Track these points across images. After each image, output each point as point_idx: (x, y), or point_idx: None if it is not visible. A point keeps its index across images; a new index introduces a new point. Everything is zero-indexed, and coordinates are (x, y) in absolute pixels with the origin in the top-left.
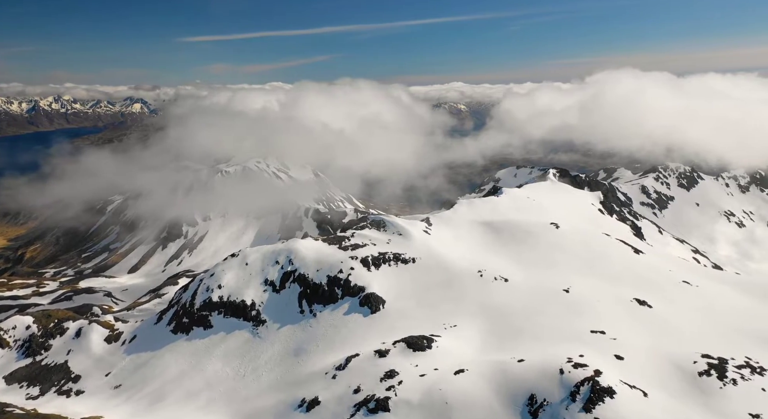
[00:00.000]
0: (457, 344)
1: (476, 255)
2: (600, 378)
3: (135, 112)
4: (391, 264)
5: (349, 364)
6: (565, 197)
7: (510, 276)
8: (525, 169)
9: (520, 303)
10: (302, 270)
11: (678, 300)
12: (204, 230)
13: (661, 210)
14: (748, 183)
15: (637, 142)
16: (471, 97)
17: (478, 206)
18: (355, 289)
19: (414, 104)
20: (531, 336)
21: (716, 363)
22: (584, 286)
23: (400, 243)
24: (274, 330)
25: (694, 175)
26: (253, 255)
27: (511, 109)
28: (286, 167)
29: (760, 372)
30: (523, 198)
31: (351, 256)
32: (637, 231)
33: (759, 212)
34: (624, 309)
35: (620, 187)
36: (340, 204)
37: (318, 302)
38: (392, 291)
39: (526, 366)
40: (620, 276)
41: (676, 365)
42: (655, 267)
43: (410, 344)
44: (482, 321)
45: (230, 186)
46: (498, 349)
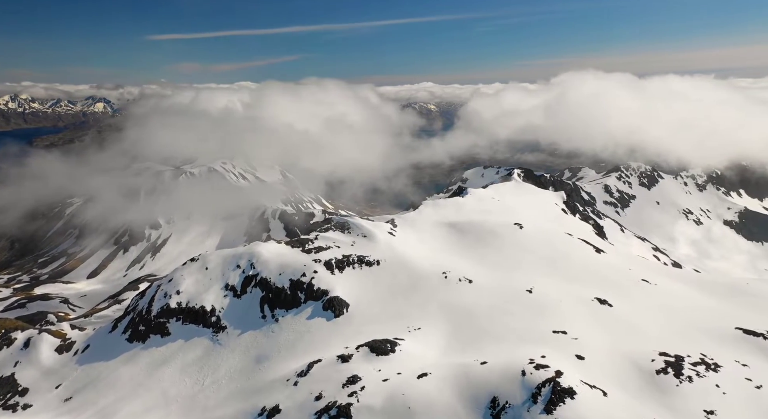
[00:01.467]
0: (421, 347)
1: (441, 257)
2: (561, 379)
3: (98, 111)
4: (355, 267)
5: (311, 370)
6: (529, 197)
7: (474, 278)
8: (492, 169)
9: (484, 304)
10: (264, 274)
11: (637, 298)
12: (167, 233)
13: (624, 208)
14: (705, 182)
15: (601, 142)
16: (441, 98)
17: (443, 207)
18: (318, 293)
19: (382, 104)
20: (494, 337)
21: (673, 361)
22: (547, 286)
23: (365, 245)
24: (234, 337)
25: (655, 175)
26: (214, 260)
27: (479, 110)
28: (253, 168)
29: (714, 368)
30: (488, 198)
31: (314, 259)
32: (600, 230)
33: (716, 210)
34: (585, 309)
35: (584, 187)
36: (308, 205)
37: (280, 307)
38: (356, 294)
39: (488, 368)
40: (582, 275)
41: (634, 363)
42: (615, 266)
43: (373, 348)
44: (446, 324)
45: (195, 187)
46: (462, 351)
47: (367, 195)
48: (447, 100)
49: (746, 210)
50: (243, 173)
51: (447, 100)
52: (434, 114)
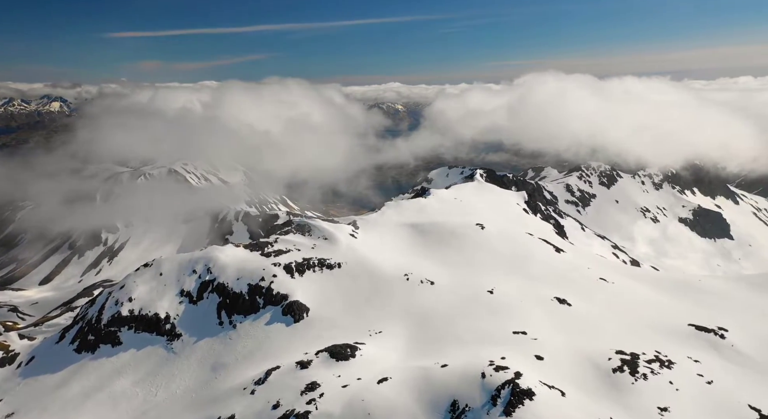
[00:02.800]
0: (381, 351)
1: (403, 259)
2: (520, 381)
3: (53, 111)
4: (315, 271)
5: (269, 378)
6: (491, 197)
7: (436, 279)
8: (456, 169)
9: (445, 306)
10: (221, 279)
11: (595, 297)
12: (125, 237)
13: (585, 207)
14: (661, 180)
15: (563, 142)
16: (408, 98)
17: (405, 208)
18: (277, 298)
19: (347, 104)
20: (455, 339)
21: (629, 359)
22: (508, 287)
23: (326, 248)
24: (190, 345)
25: (614, 174)
26: (168, 265)
27: (444, 110)
28: (216, 169)
29: (668, 365)
30: (450, 199)
31: (274, 263)
32: (560, 229)
33: (671, 208)
34: (545, 309)
35: (546, 186)
36: (273, 206)
37: (238, 312)
38: (317, 298)
39: (448, 371)
40: (542, 275)
41: (592, 362)
42: (574, 265)
43: (333, 353)
44: (408, 326)
45: (154, 189)
46: (422, 354)
47: (331, 196)
48: (414, 100)
49: (699, 208)
50: (205, 174)
51: (414, 100)
52: (402, 114)
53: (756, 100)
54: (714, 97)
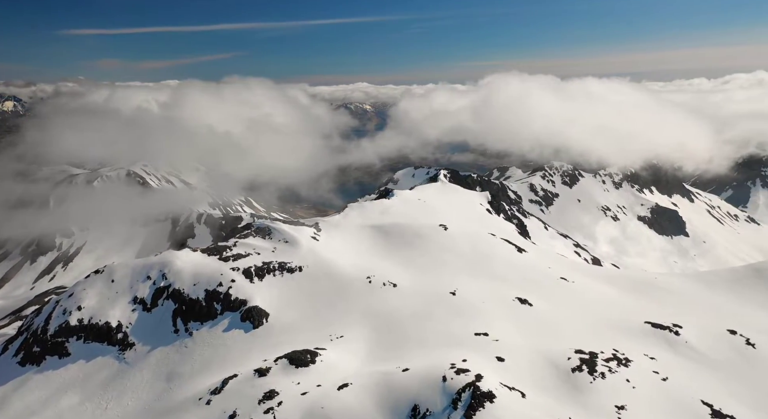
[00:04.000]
0: (342, 356)
1: (365, 261)
2: (481, 383)
3: (6, 110)
4: (276, 275)
5: (225, 387)
6: (454, 198)
7: (399, 281)
8: (422, 170)
9: (408, 308)
10: (177, 285)
11: (556, 297)
12: (81, 241)
13: (548, 206)
14: (621, 180)
15: (528, 142)
16: (376, 98)
17: (368, 209)
18: (236, 303)
19: (313, 105)
20: (418, 342)
21: (587, 358)
22: (470, 288)
23: (286, 251)
24: (143, 354)
25: (576, 173)
26: (121, 271)
27: (409, 110)
28: (178, 171)
29: (625, 363)
30: (414, 200)
31: (232, 268)
32: (523, 229)
33: (631, 207)
34: (507, 309)
35: (511, 186)
36: (238, 208)
37: (195, 319)
38: (277, 303)
39: (410, 375)
40: (504, 275)
41: (552, 362)
42: (536, 265)
43: (293, 360)
44: (370, 330)
45: (112, 192)
46: (384, 359)
47: (294, 198)
48: (382, 100)
49: (657, 207)
50: (166, 176)
51: (382, 100)
52: (370, 114)
53: (709, 101)
54: (671, 98)
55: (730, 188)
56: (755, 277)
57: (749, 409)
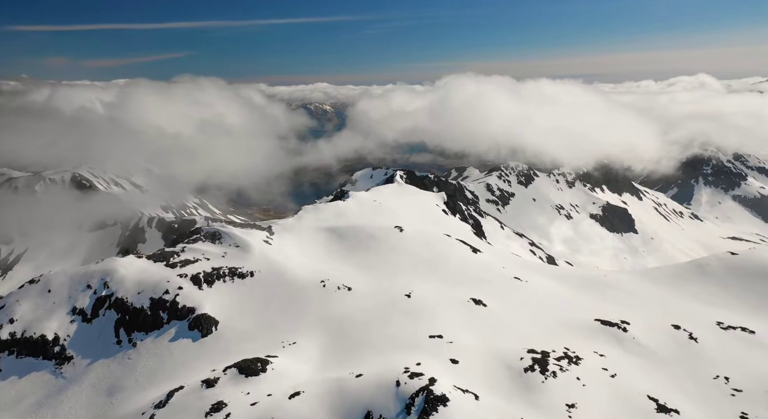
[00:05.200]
0: (295, 364)
1: (320, 265)
2: (434, 387)
3: None
4: (226, 281)
5: (170, 400)
6: (410, 199)
7: (354, 285)
8: (381, 171)
9: (362, 312)
10: (120, 294)
11: (510, 296)
12: (22, 248)
13: (504, 206)
14: (573, 179)
15: (484, 143)
16: (336, 98)
17: (323, 212)
18: (183, 311)
19: (269, 105)
20: (372, 347)
21: (539, 358)
22: (425, 290)
23: (237, 255)
24: (82, 368)
25: (531, 173)
26: (58, 280)
27: (367, 111)
28: (129, 173)
29: (576, 361)
30: (369, 202)
31: (179, 274)
32: (478, 229)
33: (583, 206)
34: (461, 310)
35: (468, 186)
36: (193, 211)
37: (139, 329)
38: (227, 310)
39: (363, 381)
40: (459, 276)
41: (505, 363)
42: (490, 265)
43: (242, 369)
44: (323, 336)
45: (56, 196)
46: (338, 365)
47: (247, 200)
48: (342, 100)
49: (608, 205)
50: (115, 179)
51: (342, 100)
52: (330, 114)
53: (656, 102)
54: (621, 99)
55: (676, 186)
56: (697, 273)
57: (692, 402)
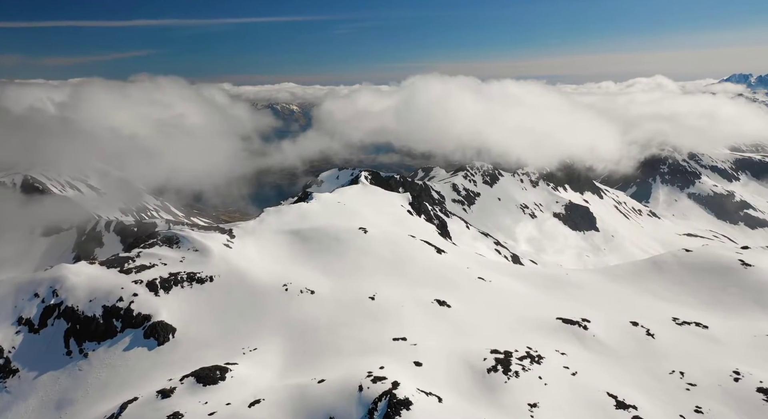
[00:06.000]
0: (256, 370)
1: (282, 268)
2: (397, 391)
3: None
4: (184, 286)
5: (123, 412)
6: (375, 200)
7: (317, 288)
8: (347, 171)
9: (326, 316)
10: (70, 303)
11: (474, 297)
12: None
13: (470, 206)
14: (537, 178)
15: (451, 143)
16: (303, 98)
17: (286, 214)
18: (138, 319)
19: (232, 105)
20: (335, 351)
21: (502, 358)
22: (389, 292)
23: (196, 260)
24: (29, 381)
25: (496, 173)
26: (3, 289)
27: (333, 111)
28: (86, 175)
29: (538, 360)
30: (334, 203)
31: (135, 280)
32: (443, 229)
33: (547, 205)
34: (425, 312)
35: (434, 186)
36: (154, 214)
37: (91, 339)
38: (185, 316)
39: (326, 386)
40: (423, 277)
41: (469, 364)
42: (454, 265)
43: (200, 378)
44: (285, 341)
45: (6, 199)
46: (300, 370)
47: (209, 203)
48: (309, 100)
49: (570, 203)
50: (71, 181)
51: (309, 100)
52: (297, 115)
53: (616, 102)
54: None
55: (635, 185)
56: (654, 270)
57: (649, 397)
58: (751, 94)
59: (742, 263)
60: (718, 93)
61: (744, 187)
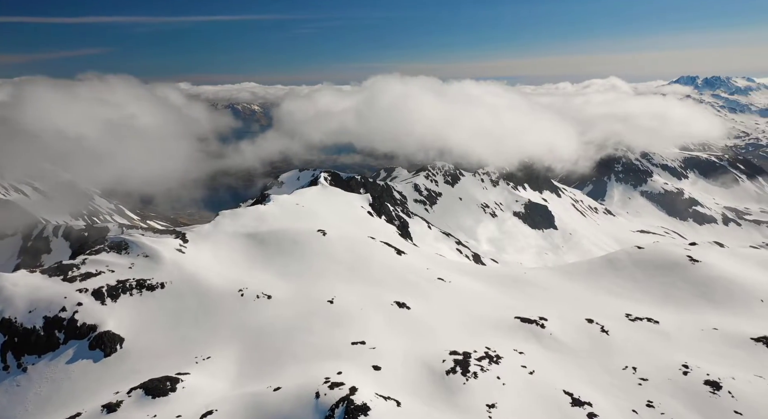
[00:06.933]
0: (209, 380)
1: (238, 273)
2: (355, 396)
3: None
4: (133, 294)
5: None
6: (335, 201)
7: (274, 292)
8: (308, 172)
9: (282, 321)
10: (8, 314)
11: (433, 298)
12: None
13: (432, 206)
14: (497, 178)
15: (413, 143)
16: (264, 98)
17: (242, 217)
18: (83, 330)
19: (188, 105)
20: (292, 357)
21: (461, 359)
22: (349, 295)
23: (146, 266)
24: None
25: (457, 173)
26: None
27: (293, 111)
28: (32, 178)
29: (496, 360)
30: (292, 205)
31: (79, 289)
32: (404, 230)
33: (507, 204)
34: (385, 315)
35: (396, 186)
36: (107, 218)
37: (30, 352)
38: (134, 326)
39: (282, 394)
40: (383, 279)
41: (428, 366)
42: (414, 266)
43: (149, 390)
44: (241, 348)
45: None
46: (256, 379)
47: (162, 207)
48: (271, 100)
49: (530, 202)
50: (15, 184)
51: (271, 100)
52: (258, 115)
53: (573, 103)
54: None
55: (591, 183)
56: (608, 267)
57: (604, 393)
58: (698, 96)
59: (690, 259)
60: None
61: (693, 185)
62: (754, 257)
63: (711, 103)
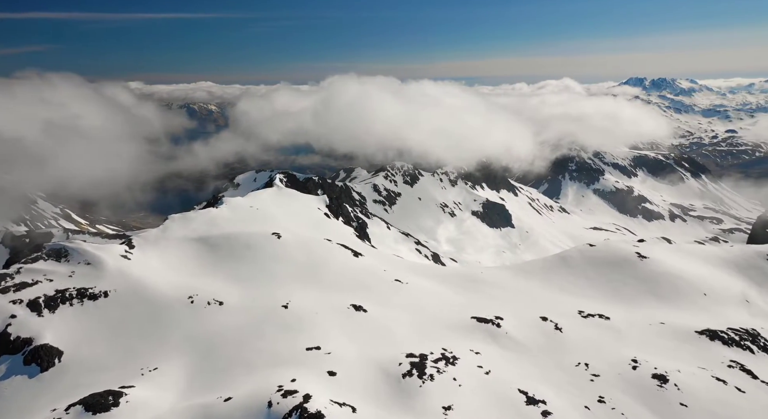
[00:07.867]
0: (155, 392)
1: (188, 279)
2: (309, 404)
3: None
4: (73, 304)
5: None
6: (290, 203)
7: (226, 299)
8: (265, 173)
9: (235, 328)
10: None
11: (390, 300)
12: None
13: (391, 206)
14: (456, 177)
15: (371, 144)
16: (221, 98)
17: (193, 221)
18: (17, 343)
19: (138, 105)
20: (245, 365)
21: (417, 362)
22: (304, 299)
23: (88, 274)
24: None
25: (416, 173)
26: None
27: (249, 111)
28: None
29: (453, 362)
30: (246, 207)
31: (13, 300)
32: (362, 232)
33: (466, 203)
34: (341, 318)
35: (355, 187)
36: (52, 223)
37: None
38: (74, 338)
39: (232, 404)
40: (339, 282)
41: (384, 370)
42: (371, 268)
43: (89, 405)
44: (191, 358)
45: None
46: (206, 389)
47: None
48: (228, 100)
49: (487, 201)
50: None
51: (228, 100)
52: (215, 115)
53: (529, 104)
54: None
55: (546, 182)
56: (561, 265)
57: (558, 390)
58: (646, 96)
59: (639, 255)
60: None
61: (642, 183)
62: (698, 252)
63: (658, 104)
